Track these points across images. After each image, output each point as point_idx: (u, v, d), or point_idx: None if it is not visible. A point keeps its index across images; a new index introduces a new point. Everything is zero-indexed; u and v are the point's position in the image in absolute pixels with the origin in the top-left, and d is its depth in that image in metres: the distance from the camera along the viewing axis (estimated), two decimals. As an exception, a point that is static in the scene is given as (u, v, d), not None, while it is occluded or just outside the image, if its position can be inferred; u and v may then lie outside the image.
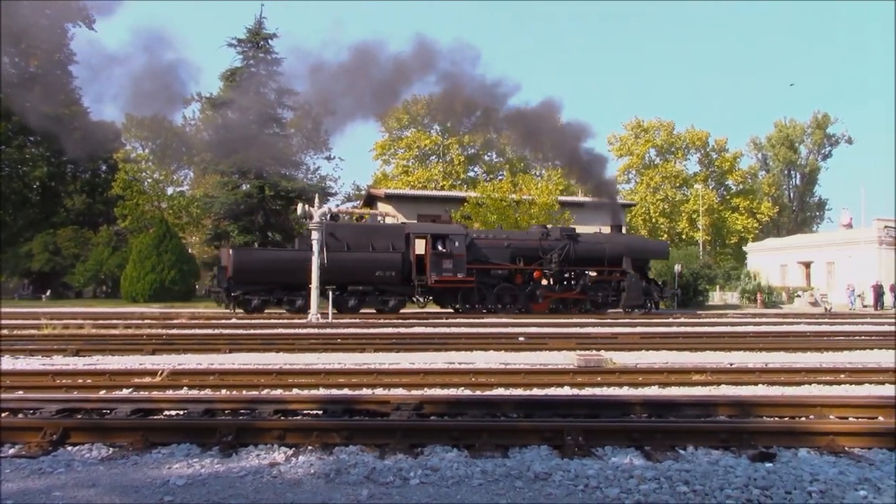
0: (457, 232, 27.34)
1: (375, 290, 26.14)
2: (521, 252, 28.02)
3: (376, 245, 26.32)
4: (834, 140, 77.45)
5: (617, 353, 12.30)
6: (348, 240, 26.13)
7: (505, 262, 27.71)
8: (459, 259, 26.55)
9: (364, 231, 27.47)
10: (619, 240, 30.03)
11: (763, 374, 9.73)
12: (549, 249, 28.07)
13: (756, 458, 5.08)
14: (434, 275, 26.36)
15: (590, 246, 28.90)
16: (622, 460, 5.06)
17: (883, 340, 15.47)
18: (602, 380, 9.18)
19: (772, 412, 6.72)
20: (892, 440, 5.49)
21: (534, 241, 28.44)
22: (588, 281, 28.64)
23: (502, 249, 27.81)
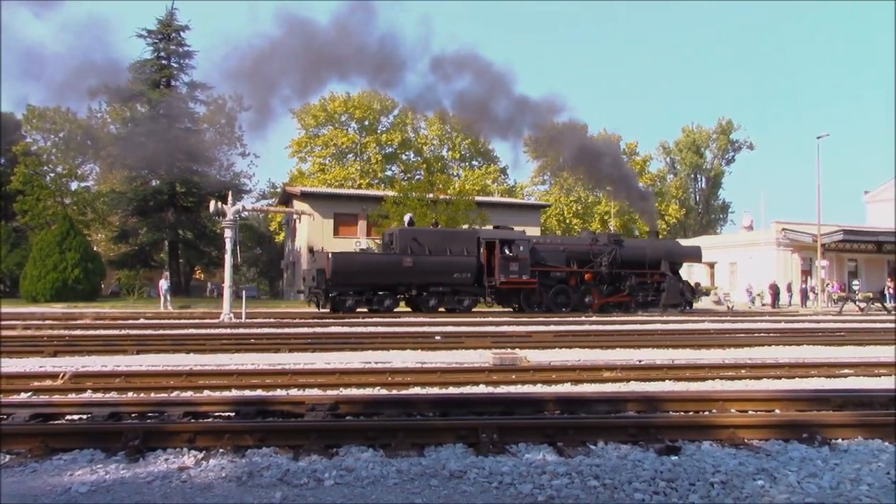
0: (522, 238, 29.59)
1: (452, 290, 27.89)
2: (575, 256, 30.24)
3: (452, 249, 28.20)
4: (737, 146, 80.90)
5: (531, 351, 12.49)
6: (429, 244, 27.83)
7: (561, 265, 29.87)
8: (524, 262, 28.59)
9: (442, 236, 29.03)
10: (657, 244, 32.73)
11: (670, 370, 10.06)
12: (598, 253, 30.30)
13: (662, 452, 5.25)
14: (502, 276, 28.22)
15: (633, 250, 31.41)
16: (535, 456, 5.14)
17: (779, 337, 16.28)
18: (517, 378, 9.32)
19: (678, 407, 6.96)
20: (787, 431, 5.77)
21: (585, 245, 30.84)
22: (633, 282, 30.73)
23: (559, 253, 30.09)
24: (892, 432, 5.81)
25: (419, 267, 27.03)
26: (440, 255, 27.74)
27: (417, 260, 27.00)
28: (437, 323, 20.42)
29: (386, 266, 27.04)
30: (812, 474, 4.74)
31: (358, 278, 26.55)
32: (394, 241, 28.18)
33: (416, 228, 29.39)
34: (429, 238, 28.17)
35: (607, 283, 30.56)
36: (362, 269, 26.79)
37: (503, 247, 28.48)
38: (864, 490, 4.42)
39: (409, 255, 27.02)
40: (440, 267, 27.54)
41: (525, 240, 29.42)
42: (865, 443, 5.65)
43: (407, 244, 27.34)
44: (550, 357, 11.75)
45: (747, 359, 11.84)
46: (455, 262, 27.83)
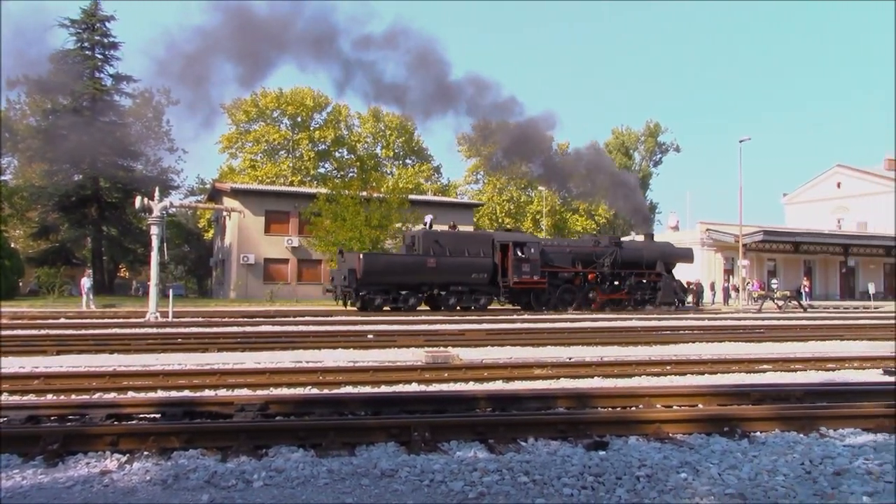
0: (533, 240, 31.95)
1: (470, 290, 29.45)
2: (580, 257, 32.27)
3: (470, 251, 29.92)
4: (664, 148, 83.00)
5: (464, 349, 12.55)
6: (449, 246, 29.50)
7: (567, 266, 31.81)
8: (535, 263, 30.34)
9: (461, 238, 30.90)
10: (653, 246, 35.03)
11: (598, 367, 10.27)
12: (601, 255, 32.35)
13: (591, 447, 5.35)
14: (515, 277, 29.90)
15: (632, 252, 33.54)
16: (467, 454, 5.18)
17: (702, 334, 16.80)
18: (449, 376, 9.36)
19: (606, 403, 7.10)
20: (709, 425, 5.96)
21: (589, 247, 32.98)
22: (632, 282, 32.83)
23: (565, 255, 32.02)
24: (807, 424, 6.07)
25: (441, 267, 28.65)
26: (459, 256, 29.44)
27: (440, 261, 28.64)
28: (370, 322, 20.34)
29: (412, 266, 28.51)
30: (732, 466, 4.91)
31: (386, 278, 27.98)
32: (416, 242, 29.68)
33: (437, 231, 30.95)
34: (449, 240, 29.86)
35: (609, 282, 32.57)
36: (389, 269, 28.33)
37: (516, 249, 30.18)
38: (780, 480, 4.60)
39: (432, 256, 28.65)
40: (460, 268, 29.15)
41: (536, 242, 31.59)
42: (782, 435, 5.88)
43: (430, 246, 28.99)
44: (483, 355, 11.83)
45: (672, 355, 12.17)
46: (473, 263, 29.50)
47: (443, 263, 28.70)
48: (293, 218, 45.84)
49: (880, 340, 15.48)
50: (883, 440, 5.74)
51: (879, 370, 10.69)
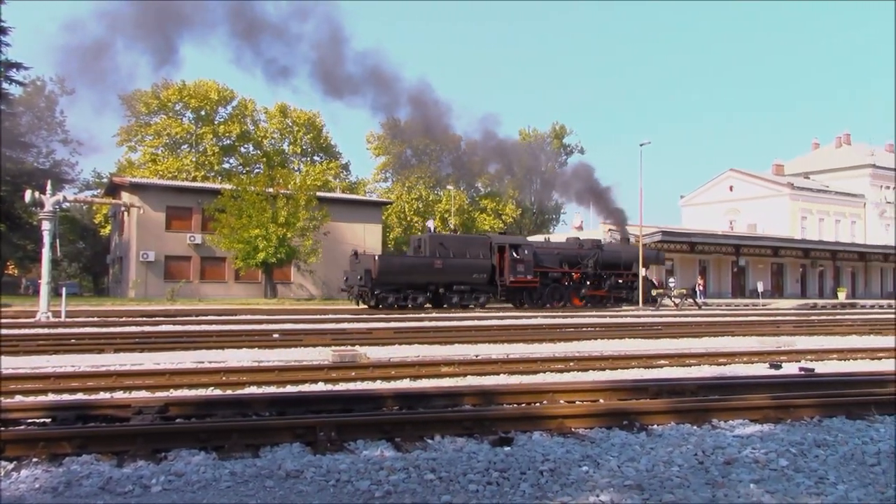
0: (527, 243, 34.86)
1: (471, 289, 31.68)
2: (566, 258, 35.10)
3: (471, 253, 32.23)
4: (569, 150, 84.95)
5: (372, 347, 12.52)
6: (453, 248, 31.88)
7: (556, 266, 34.61)
8: (529, 264, 32.91)
9: (463, 241, 33.95)
10: (631, 249, 38.38)
11: (504, 364, 10.42)
12: (585, 256, 35.35)
13: (496, 443, 5.43)
14: (511, 276, 32.33)
15: (611, 254, 36.80)
16: (373, 453, 5.16)
17: (604, 331, 17.31)
18: (356, 375, 9.30)
19: (511, 399, 7.22)
20: (609, 419, 6.15)
21: (574, 249, 36.04)
22: (613, 281, 35.89)
23: (554, 256, 34.86)
24: (700, 417, 6.35)
25: (447, 268, 30.98)
26: (462, 257, 31.76)
27: (445, 262, 31.02)
28: (275, 321, 19.99)
29: (421, 267, 30.82)
30: (631, 458, 5.08)
31: (398, 278, 30.15)
32: (423, 245, 32.10)
33: (441, 234, 34.11)
34: (452, 243, 32.63)
35: (592, 281, 35.40)
36: (402, 270, 30.71)
37: (512, 250, 32.67)
38: (675, 471, 4.80)
39: (438, 257, 31.00)
40: (463, 268, 31.55)
41: (529, 244, 34.31)
42: (677, 427, 6.13)
43: (435, 248, 31.41)
44: (390, 353, 11.82)
45: (575, 352, 12.49)
46: (474, 264, 31.89)
47: (448, 264, 31.03)
48: (196, 214, 44.47)
49: (767, 336, 16.34)
50: (769, 430, 6.06)
51: (766, 364, 11.28)
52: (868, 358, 12.49)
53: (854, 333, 17.97)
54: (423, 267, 30.80)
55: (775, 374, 10.22)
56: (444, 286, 30.99)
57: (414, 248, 33.03)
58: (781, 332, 18.02)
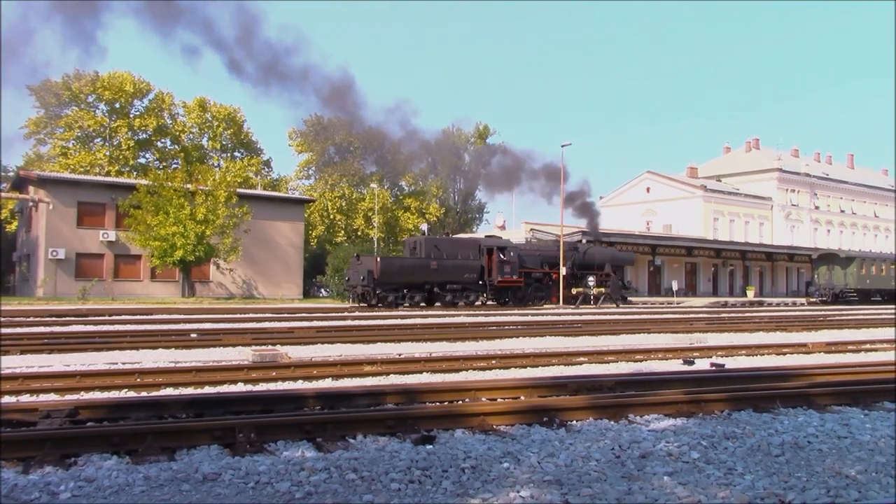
0: (512, 245, 36.97)
1: (462, 288, 33.95)
2: (547, 260, 37.95)
3: (461, 254, 34.54)
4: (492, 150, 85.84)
5: (293, 347, 12.36)
6: (446, 250, 34.24)
7: (538, 267, 37.24)
8: (514, 265, 35.33)
9: (454, 243, 36.26)
10: (603, 251, 41.49)
11: (427, 362, 10.45)
12: (564, 258, 37.95)
13: (418, 442, 5.44)
14: (499, 276, 34.63)
15: (586, 255, 39.66)
16: (294, 454, 5.10)
17: (526, 329, 17.56)
18: (277, 374, 9.17)
19: (434, 397, 7.25)
20: (530, 416, 6.24)
21: (554, 251, 38.71)
22: (588, 281, 38.36)
23: (536, 258, 37.55)
24: (617, 412, 6.51)
25: (441, 269, 33.24)
26: (454, 259, 34.12)
27: (440, 263, 33.29)
28: (193, 320, 19.50)
29: (419, 268, 32.97)
30: (551, 454, 5.17)
31: (398, 278, 32.16)
32: (418, 247, 34.20)
33: (435, 238, 36.59)
34: (445, 245, 34.99)
35: (569, 281, 38.06)
36: (401, 270, 32.68)
37: (499, 252, 34.93)
38: (592, 465, 4.91)
39: (433, 259, 33.25)
40: (455, 269, 33.91)
41: (514, 247, 36.77)
42: (595, 423, 6.27)
43: (430, 250, 33.66)
44: (312, 353, 11.70)
45: (498, 350, 12.63)
46: (466, 265, 34.32)
47: (442, 265, 33.33)
48: (110, 210, 42.87)
49: (681, 333, 16.89)
50: (682, 424, 6.27)
51: (680, 360, 11.67)
52: (774, 354, 13.07)
53: (761, 330, 18.76)
54: (421, 268, 32.96)
55: (688, 369, 10.58)
56: (438, 286, 33.20)
57: (409, 249, 35.08)
58: (694, 329, 18.68)
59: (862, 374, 9.52)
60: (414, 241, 35.58)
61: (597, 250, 41.11)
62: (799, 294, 61.15)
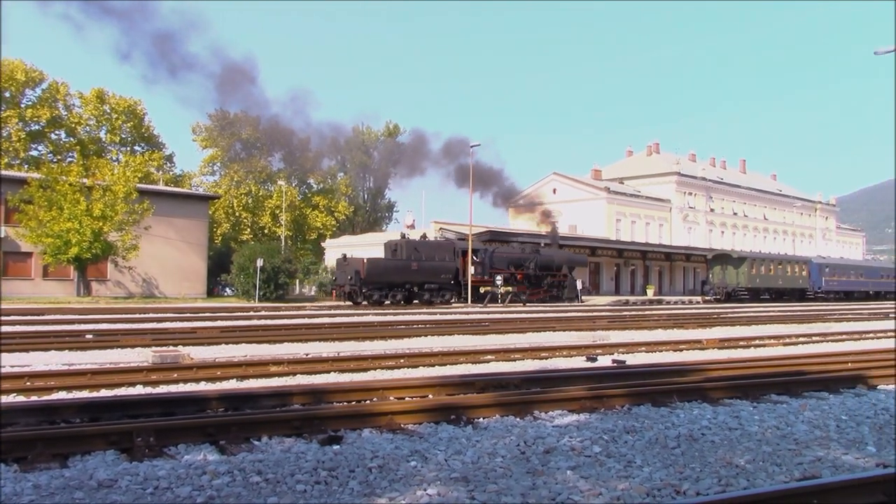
0: (483, 248, 40.16)
1: (439, 287, 36.68)
2: (513, 262, 40.92)
3: (438, 256, 37.39)
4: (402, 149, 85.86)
5: (196, 347, 12.02)
6: (424, 252, 36.89)
7: (505, 268, 39.91)
8: (485, 266, 38.57)
9: (432, 246, 38.60)
10: (560, 254, 45.08)
11: (335, 362, 10.36)
12: (527, 260, 41.56)
13: (325, 442, 5.39)
14: (473, 277, 37.69)
15: (546, 258, 42.90)
16: (196, 457, 4.96)
17: (434, 328, 17.65)
18: (179, 376, 8.89)
19: (342, 397, 7.19)
20: (438, 414, 6.28)
21: (518, 254, 42.20)
22: (548, 281, 42.21)
23: (503, 259, 40.45)
24: (523, 409, 6.63)
25: (420, 269, 35.88)
26: (432, 260, 36.84)
27: (420, 264, 35.94)
28: (89, 321, 18.68)
29: (402, 269, 35.58)
30: (458, 452, 5.22)
31: (383, 278, 34.57)
32: (399, 249, 36.54)
33: (414, 240, 37.93)
34: (424, 247, 37.43)
35: (532, 281, 41.10)
36: (386, 271, 35.08)
37: (473, 255, 37.95)
38: (498, 462, 4.98)
39: (414, 260, 35.89)
40: (433, 270, 36.68)
41: (485, 249, 40.04)
42: (502, 420, 6.37)
43: (411, 252, 36.26)
44: (216, 353, 11.41)
45: (406, 349, 12.65)
46: (443, 266, 37.21)
47: (422, 266, 36.01)
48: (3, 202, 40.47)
49: (585, 331, 17.35)
50: (584, 419, 6.45)
51: (583, 357, 11.99)
52: (672, 350, 13.59)
53: (660, 327, 19.49)
54: (403, 268, 35.61)
55: (591, 366, 10.88)
56: (417, 285, 35.89)
57: (391, 251, 37.30)
58: (597, 327, 19.21)
59: (751, 368, 10.03)
60: (395, 243, 37.68)
61: (555, 253, 44.59)
62: (695, 292, 63.71)
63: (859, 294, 60.55)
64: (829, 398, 7.79)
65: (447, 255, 37.90)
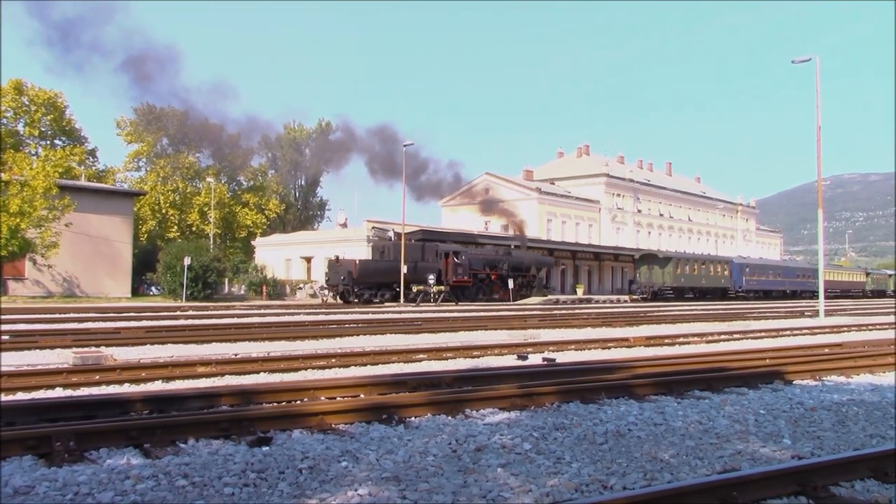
0: (464, 251, 43.46)
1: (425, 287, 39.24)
2: (488, 263, 44.71)
3: (422, 258, 40.58)
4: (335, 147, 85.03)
5: (120, 348, 11.67)
6: (410, 254, 39.13)
7: (482, 269, 43.91)
8: (465, 267, 41.89)
9: (417, 248, 41.60)
10: (529, 255, 49.55)
11: (265, 362, 10.21)
12: (500, 261, 45.37)
13: (254, 444, 5.31)
14: (453, 277, 41.05)
15: (517, 259, 46.83)
16: (118, 461, 4.82)
17: (366, 327, 17.58)
18: (101, 378, 8.61)
19: (272, 398, 7.09)
20: (369, 414, 6.25)
21: (492, 255, 46.11)
22: (519, 280, 45.49)
23: (480, 261, 44.29)
24: (455, 408, 6.66)
25: (408, 270, 38.30)
26: (417, 261, 39.74)
27: (407, 265, 38.28)
28: (5, 321, 17.91)
29: (391, 270, 38.46)
30: (389, 451, 5.21)
31: (373, 278, 37.42)
32: (386, 251, 40.39)
33: (401, 243, 39.84)
34: (410, 249, 39.66)
35: (504, 280, 44.21)
36: (376, 272, 38.03)
37: (454, 256, 41.35)
38: (430, 460, 5.00)
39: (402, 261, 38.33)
40: (422, 270, 39.52)
41: (466, 252, 43.44)
42: (433, 418, 6.39)
43: (398, 254, 38.74)
44: (141, 354, 11.10)
45: (338, 348, 12.56)
46: (428, 267, 40.19)
47: (409, 267, 38.38)
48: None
49: (516, 329, 17.55)
50: (515, 417, 6.52)
51: (515, 356, 12.11)
52: (600, 348, 13.87)
53: (589, 326, 19.87)
54: (392, 269, 38.33)
55: (522, 364, 11.01)
56: (406, 284, 38.46)
57: (379, 252, 40.94)
58: (528, 325, 19.46)
59: (676, 365, 10.32)
60: (383, 245, 41.30)
61: (525, 254, 48.85)
62: (623, 291, 65.16)
63: (777, 293, 63.01)
64: (748, 393, 8.08)
65: (431, 256, 41.06)
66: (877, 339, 16.36)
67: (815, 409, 7.18)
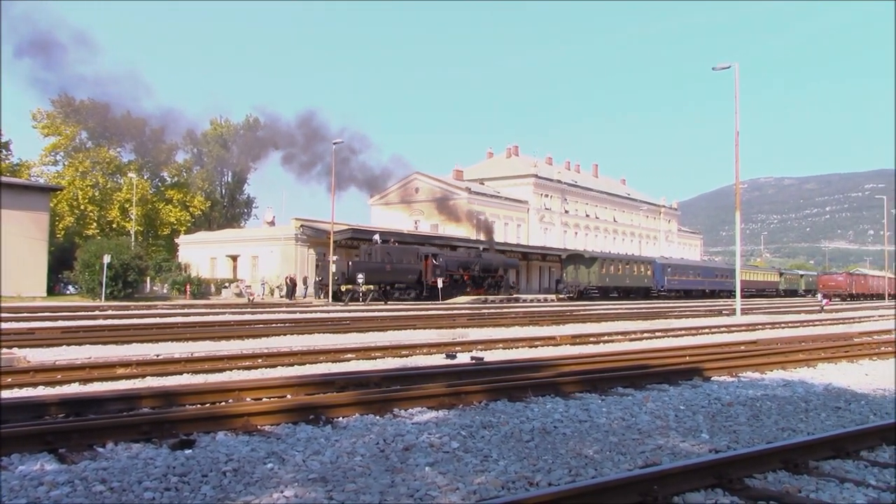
0: (441, 253, 46.47)
1: (406, 286, 42.83)
2: (461, 264, 47.83)
3: (405, 259, 43.19)
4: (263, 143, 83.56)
5: (33, 350, 11.20)
6: (394, 255, 42.67)
7: (456, 270, 46.79)
8: (442, 268, 44.42)
9: (401, 250, 44.01)
10: (497, 257, 52.77)
11: (188, 363, 9.97)
12: (472, 262, 48.81)
13: (176, 447, 5.18)
14: (431, 277, 43.65)
15: (487, 261, 50.44)
16: (32, 467, 4.63)
17: (293, 327, 17.36)
18: (13, 381, 8.24)
19: (195, 399, 6.94)
20: (296, 415, 6.18)
21: (465, 257, 49.46)
22: (490, 280, 49.74)
23: (455, 262, 47.32)
24: (383, 407, 6.65)
25: (393, 270, 41.90)
26: (401, 263, 42.69)
27: (392, 266, 41.93)
28: None
29: (379, 269, 41.19)
30: (316, 452, 5.17)
31: (365, 277, 39.24)
32: (373, 253, 42.28)
33: (387, 245, 43.59)
34: (394, 251, 43.14)
35: (476, 281, 48.24)
36: (367, 272, 39.89)
37: (432, 258, 44.20)
38: (357, 460, 4.97)
39: (387, 262, 41.75)
40: (402, 271, 42.64)
41: (443, 254, 46.30)
42: (362, 418, 6.36)
43: (384, 255, 42.09)
44: (56, 355, 10.67)
45: (264, 348, 12.35)
46: (410, 268, 43.17)
47: (394, 268, 41.96)
48: None
49: (445, 328, 17.62)
50: (443, 416, 6.55)
51: (443, 355, 12.16)
52: (528, 346, 14.06)
53: (517, 325, 20.10)
54: (380, 269, 41.24)
55: (451, 363, 11.06)
56: (389, 284, 41.68)
57: (366, 254, 42.71)
58: (457, 324, 19.55)
59: (600, 363, 10.55)
60: (370, 248, 43.09)
61: (493, 256, 52.23)
62: (550, 291, 66.16)
63: (697, 292, 65.05)
64: (669, 390, 8.33)
65: (412, 258, 43.72)
66: (788, 337, 17.10)
67: (731, 405, 7.45)
